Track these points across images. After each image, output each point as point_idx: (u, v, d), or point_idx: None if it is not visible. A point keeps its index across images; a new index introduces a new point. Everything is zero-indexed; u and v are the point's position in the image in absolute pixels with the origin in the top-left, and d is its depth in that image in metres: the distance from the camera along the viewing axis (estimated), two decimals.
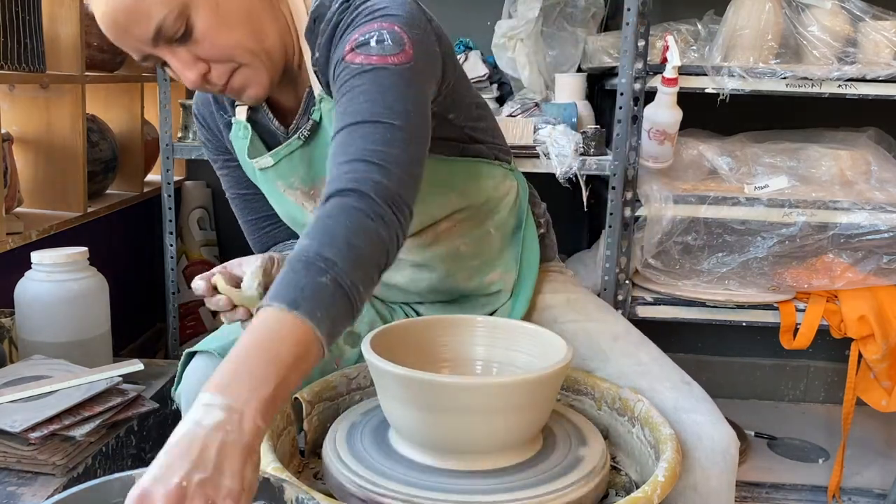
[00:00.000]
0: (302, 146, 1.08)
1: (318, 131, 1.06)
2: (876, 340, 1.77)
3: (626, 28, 1.74)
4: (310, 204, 1.12)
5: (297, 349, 0.69)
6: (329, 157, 0.87)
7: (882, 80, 1.74)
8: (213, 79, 0.99)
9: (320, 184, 1.09)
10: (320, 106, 1.05)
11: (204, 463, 0.62)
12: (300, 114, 1.08)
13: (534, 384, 0.87)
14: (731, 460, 0.99)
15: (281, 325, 0.69)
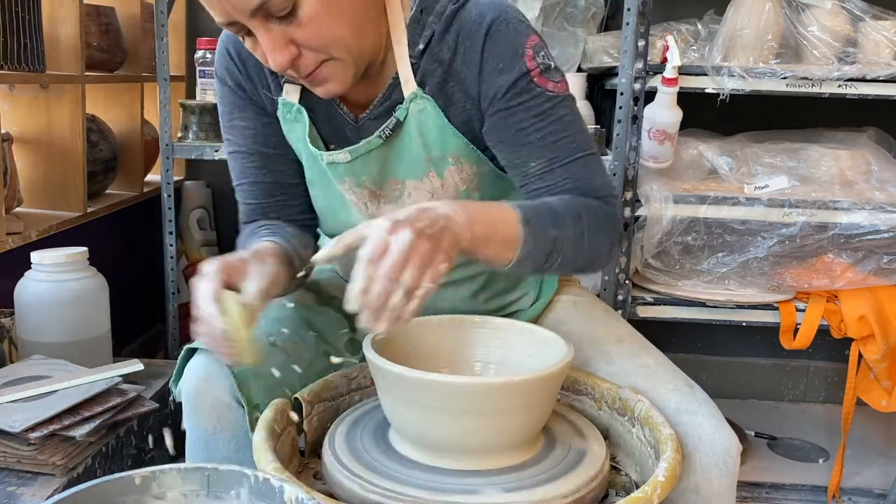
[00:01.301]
0: (381, 145, 1.03)
1: (400, 131, 1.02)
2: (876, 340, 1.77)
3: (626, 28, 1.74)
4: (373, 204, 1.08)
5: (507, 243, 0.91)
6: (561, 168, 1.00)
7: (882, 80, 1.74)
8: (300, 65, 0.93)
9: (389, 185, 1.06)
10: (409, 105, 1.01)
11: (438, 227, 0.81)
12: (377, 107, 1.04)
13: (534, 384, 0.87)
14: (733, 463, 0.99)
15: (515, 225, 0.91)
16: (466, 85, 1.01)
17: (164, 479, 0.77)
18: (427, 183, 1.06)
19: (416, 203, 0.96)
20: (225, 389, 1.03)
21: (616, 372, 1.09)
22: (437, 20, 1.00)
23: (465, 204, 0.89)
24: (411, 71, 1.01)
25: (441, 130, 1.03)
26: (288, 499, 0.74)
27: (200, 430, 1.04)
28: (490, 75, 0.99)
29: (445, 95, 1.02)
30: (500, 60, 0.98)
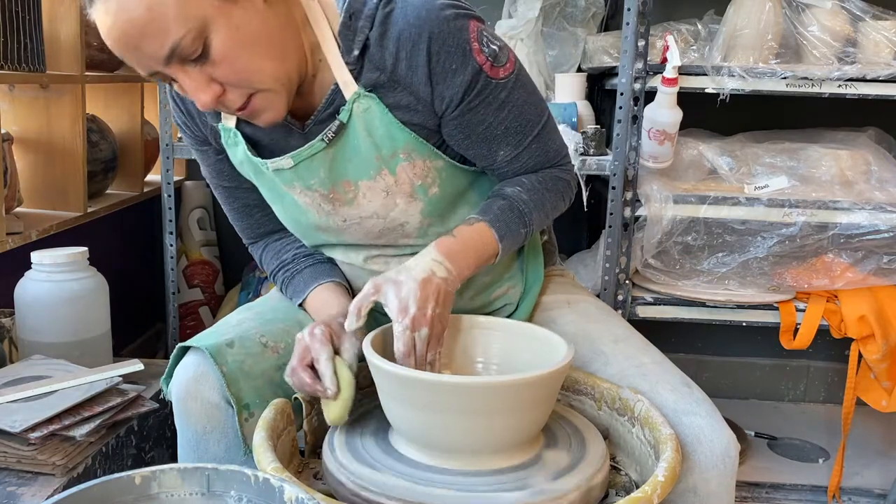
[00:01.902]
0: (325, 148, 1.03)
1: (344, 133, 1.02)
2: (876, 340, 1.77)
3: (626, 28, 1.74)
4: (327, 205, 1.08)
5: (488, 260, 1.06)
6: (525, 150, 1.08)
7: (882, 80, 1.74)
8: (228, 102, 0.94)
9: (342, 187, 1.06)
10: (351, 107, 1.00)
11: (439, 302, 0.96)
12: (321, 112, 1.04)
13: (534, 384, 0.87)
14: (731, 463, 0.99)
15: (488, 244, 1.04)
16: (414, 88, 1.00)
17: (164, 479, 0.77)
18: (380, 181, 1.05)
19: (371, 201, 1.06)
20: (214, 390, 1.03)
21: (614, 373, 1.08)
22: (369, 24, 0.98)
23: (453, 253, 1.00)
24: (350, 75, 1.00)
25: (388, 127, 1.02)
26: (288, 499, 0.74)
27: (191, 431, 1.04)
28: (442, 77, 0.99)
29: (392, 99, 1.01)
30: (451, 62, 0.98)
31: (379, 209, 1.07)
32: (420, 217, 1.08)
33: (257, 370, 1.05)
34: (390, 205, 1.07)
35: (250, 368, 1.05)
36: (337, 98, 1.02)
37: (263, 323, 1.12)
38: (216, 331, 1.10)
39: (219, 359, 1.03)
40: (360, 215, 1.08)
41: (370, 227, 1.10)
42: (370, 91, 1.00)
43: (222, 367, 1.02)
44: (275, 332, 1.11)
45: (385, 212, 1.07)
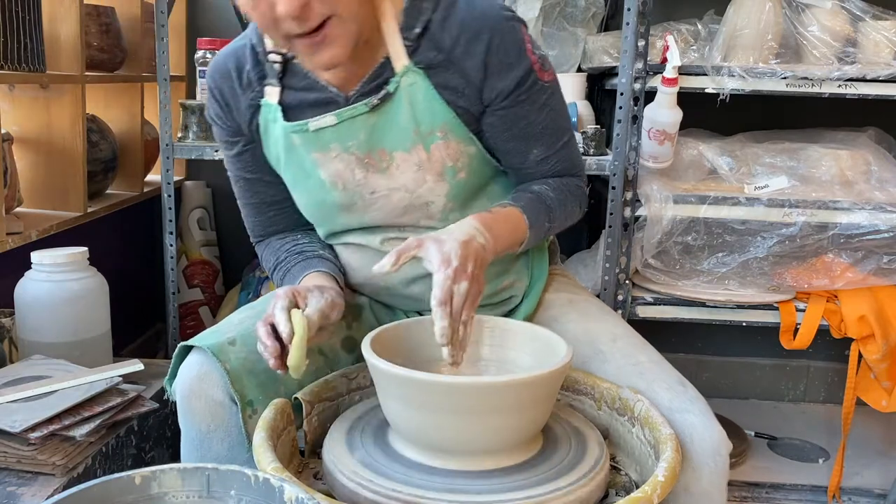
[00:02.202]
0: (367, 112, 1.08)
1: (388, 102, 1.07)
2: (876, 340, 1.77)
3: (626, 28, 1.74)
4: (360, 172, 1.11)
5: (515, 246, 1.10)
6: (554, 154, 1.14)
7: (882, 80, 1.74)
8: (308, 15, 0.93)
9: (377, 155, 1.10)
10: (399, 79, 1.06)
11: (478, 265, 0.97)
12: (367, 84, 1.08)
13: (534, 384, 0.87)
14: (723, 461, 1.00)
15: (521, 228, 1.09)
16: (467, 73, 1.07)
17: (164, 479, 0.77)
18: (414, 155, 1.09)
19: (403, 173, 1.10)
20: (218, 387, 1.03)
21: (611, 371, 1.10)
22: (433, 7, 1.06)
23: (490, 225, 1.03)
24: (404, 50, 1.06)
25: (430, 103, 1.07)
26: (288, 499, 0.74)
27: (195, 430, 1.04)
28: (497, 70, 1.06)
29: (442, 78, 1.07)
30: (507, 56, 1.06)
31: (409, 182, 1.11)
32: (445, 199, 1.12)
33: (260, 367, 1.05)
34: (420, 180, 1.10)
35: (253, 366, 1.05)
36: (385, 71, 1.08)
37: None
38: (218, 330, 1.11)
39: (221, 357, 1.03)
40: (390, 186, 1.11)
41: (396, 202, 1.12)
42: (422, 68, 1.06)
43: (225, 365, 1.03)
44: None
45: (414, 186, 1.11)
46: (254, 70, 1.12)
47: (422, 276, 1.16)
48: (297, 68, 1.11)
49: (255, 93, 1.13)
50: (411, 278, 1.17)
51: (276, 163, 1.17)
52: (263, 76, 1.12)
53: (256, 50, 1.12)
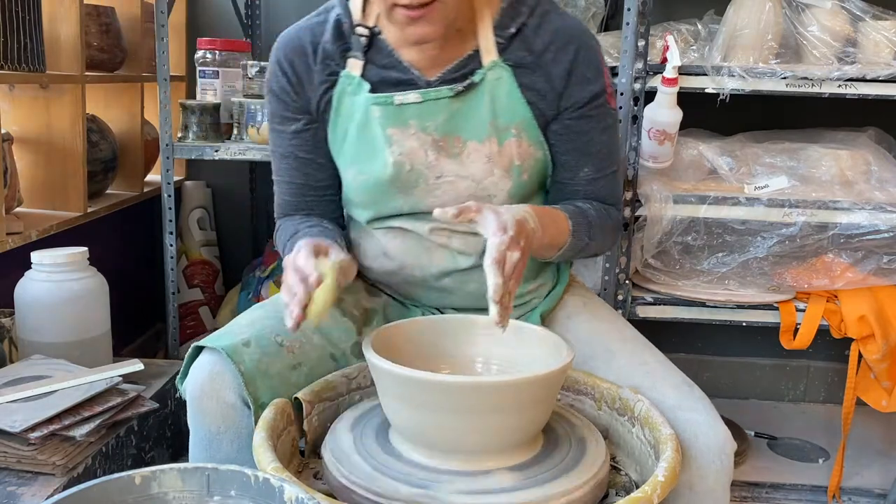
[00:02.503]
0: (450, 98, 1.12)
1: (471, 92, 1.12)
2: (876, 340, 1.77)
3: (626, 28, 1.74)
4: (432, 154, 1.13)
5: (554, 248, 1.12)
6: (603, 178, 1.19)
7: (882, 80, 1.74)
8: None
9: (451, 141, 1.14)
10: (486, 72, 1.11)
11: (527, 244, 0.98)
12: (452, 72, 1.13)
13: (534, 384, 0.87)
14: (727, 460, 1.00)
15: (564, 232, 1.11)
16: (552, 78, 1.13)
17: (164, 479, 0.77)
18: (487, 147, 1.13)
19: (473, 162, 1.13)
20: (231, 389, 1.03)
21: (617, 368, 1.11)
22: (529, 12, 1.12)
23: (541, 216, 1.05)
24: (495, 46, 1.12)
25: (511, 99, 1.13)
26: (288, 499, 0.74)
27: (204, 430, 1.04)
28: (577, 81, 1.13)
29: (528, 79, 1.13)
30: (588, 71, 1.13)
31: (477, 172, 1.14)
32: (505, 195, 1.15)
33: (273, 370, 1.05)
34: (488, 172, 1.14)
35: (266, 368, 1.05)
36: (471, 63, 1.13)
37: (279, 322, 1.11)
38: (231, 331, 1.10)
39: (236, 358, 1.03)
40: (458, 173, 1.14)
41: (461, 189, 1.14)
42: (510, 65, 1.12)
43: (240, 367, 1.02)
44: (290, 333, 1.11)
45: (482, 177, 1.14)
46: (334, 44, 1.15)
47: (455, 270, 1.19)
48: (382, 45, 1.14)
49: (335, 65, 1.15)
50: (445, 271, 1.19)
51: (341, 139, 1.17)
52: (346, 49, 1.15)
53: (342, 22, 1.15)
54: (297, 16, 2.60)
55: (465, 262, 1.19)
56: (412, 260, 1.20)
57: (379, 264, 1.23)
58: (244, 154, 1.98)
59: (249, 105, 1.98)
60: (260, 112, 1.96)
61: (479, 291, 1.21)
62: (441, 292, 1.21)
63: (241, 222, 2.60)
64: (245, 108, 2.00)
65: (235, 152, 1.98)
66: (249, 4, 2.47)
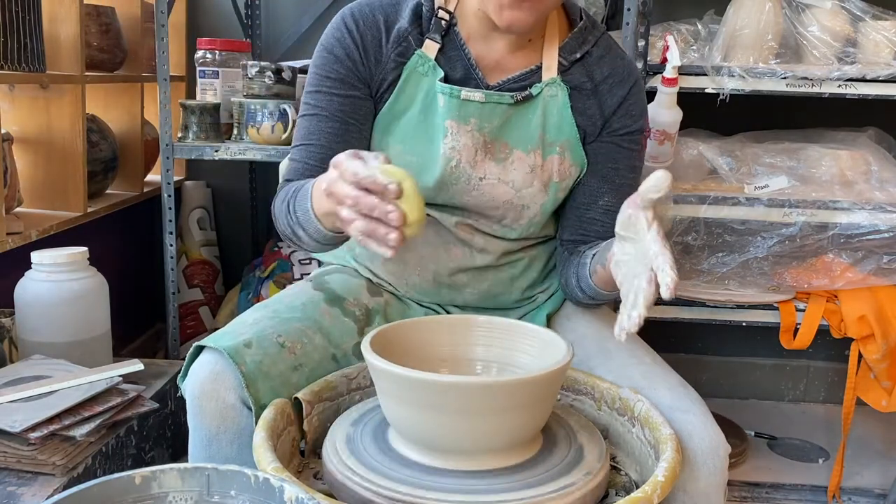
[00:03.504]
0: (510, 105, 1.15)
1: (528, 103, 1.16)
2: (876, 340, 1.77)
3: (626, 28, 1.74)
4: (480, 154, 1.15)
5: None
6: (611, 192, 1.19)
7: (882, 80, 1.74)
8: None
9: (500, 145, 1.16)
10: (544, 87, 1.15)
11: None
12: (511, 82, 1.17)
13: (534, 384, 0.87)
14: (720, 463, 1.00)
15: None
16: (604, 107, 1.18)
17: (164, 479, 0.77)
18: (531, 158, 1.17)
19: (516, 170, 1.16)
20: (231, 390, 1.03)
21: (614, 367, 1.11)
22: (594, 41, 1.18)
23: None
24: (557, 66, 1.16)
25: (562, 118, 1.17)
26: (288, 499, 0.74)
27: (204, 430, 1.04)
28: (624, 114, 1.18)
29: (581, 104, 1.18)
30: (636, 108, 1.19)
31: (518, 180, 1.17)
32: (538, 209, 1.19)
33: (275, 371, 1.05)
34: (528, 182, 1.17)
35: (268, 369, 1.05)
36: (532, 77, 1.17)
37: (280, 322, 1.11)
38: (232, 330, 1.09)
39: (237, 359, 1.02)
40: (500, 177, 1.16)
41: (500, 193, 1.17)
42: (567, 86, 1.16)
43: (241, 368, 1.02)
44: (292, 333, 1.10)
45: (521, 185, 1.17)
46: (411, 25, 1.15)
47: (472, 268, 1.21)
48: (454, 35, 1.16)
49: (408, 45, 1.15)
50: (460, 267, 1.21)
51: (398, 115, 1.16)
52: (422, 32, 1.16)
53: (423, 5, 1.16)
54: (297, 16, 2.60)
55: (483, 260, 1.21)
56: (430, 251, 1.21)
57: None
58: (244, 154, 1.98)
59: (249, 105, 1.98)
60: (260, 112, 1.96)
61: (489, 291, 1.23)
62: (450, 288, 1.22)
63: (241, 222, 2.60)
64: (245, 108, 2.00)
65: (235, 152, 1.98)
66: (249, 4, 2.47)
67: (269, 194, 2.56)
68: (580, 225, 1.21)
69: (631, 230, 0.91)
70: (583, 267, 1.15)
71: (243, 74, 2.04)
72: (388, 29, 1.16)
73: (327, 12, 2.42)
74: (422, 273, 1.22)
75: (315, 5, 2.43)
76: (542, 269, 1.29)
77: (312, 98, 1.17)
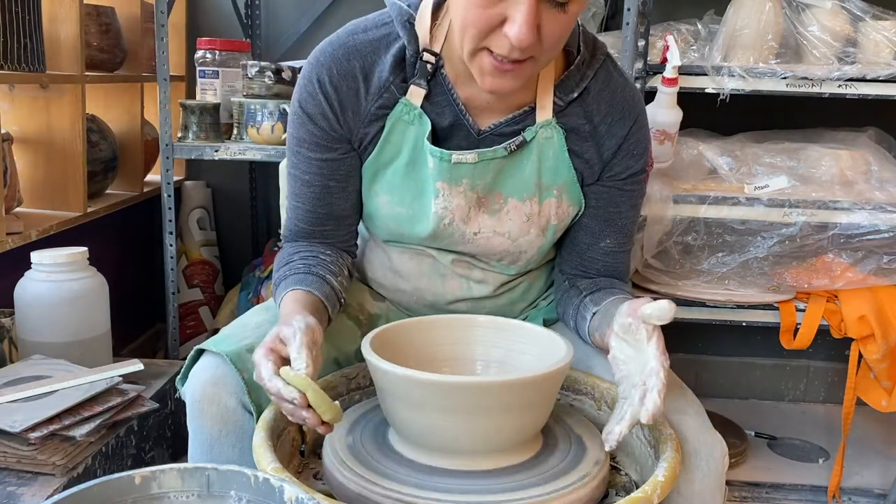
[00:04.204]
0: (503, 157, 1.08)
1: (522, 150, 1.08)
2: (876, 340, 1.77)
3: (626, 28, 1.74)
4: (474, 211, 1.10)
5: None
6: (622, 254, 1.17)
7: (882, 80, 1.74)
8: (527, 49, 0.91)
9: (493, 197, 1.11)
10: (538, 131, 1.08)
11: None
12: (503, 125, 1.09)
13: (534, 384, 0.87)
14: (716, 466, 0.99)
15: None
16: (602, 149, 1.11)
17: (164, 479, 0.77)
18: (527, 206, 1.11)
19: (512, 220, 1.11)
20: (232, 394, 1.02)
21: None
22: (593, 75, 1.08)
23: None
24: (551, 105, 1.08)
25: (558, 161, 1.10)
26: (288, 499, 0.74)
27: (205, 434, 1.04)
28: (625, 156, 1.11)
29: (579, 146, 1.10)
30: (638, 147, 1.11)
31: (514, 230, 1.12)
32: (535, 251, 1.15)
33: None
34: (525, 231, 1.12)
35: None
36: (526, 119, 1.09)
37: None
38: (234, 334, 1.09)
39: (239, 365, 1.01)
40: (496, 229, 1.12)
41: (496, 245, 1.13)
42: (563, 128, 1.09)
43: (243, 374, 1.01)
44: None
45: (518, 235, 1.12)
46: (392, 73, 1.06)
47: (469, 298, 1.19)
48: (440, 78, 1.07)
49: (391, 95, 1.07)
50: (458, 298, 1.19)
51: (384, 166, 1.10)
52: (405, 77, 1.06)
53: (406, 49, 1.05)
54: (297, 16, 2.60)
55: (481, 291, 1.19)
56: (426, 284, 1.19)
57: (389, 281, 1.22)
58: (244, 154, 1.98)
59: (249, 105, 1.98)
60: (260, 112, 1.96)
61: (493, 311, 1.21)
62: (449, 314, 1.20)
63: (241, 222, 2.60)
64: (245, 108, 2.00)
65: (235, 152, 1.98)
66: (249, 4, 2.47)
67: (269, 194, 2.57)
68: (581, 262, 1.18)
69: (630, 337, 0.92)
70: (581, 321, 1.11)
71: (243, 74, 2.04)
72: (367, 77, 1.06)
73: (327, 12, 2.42)
74: (419, 301, 1.22)
75: (315, 5, 2.43)
76: (542, 287, 1.27)
77: (293, 157, 1.12)
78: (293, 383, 0.86)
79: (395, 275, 1.21)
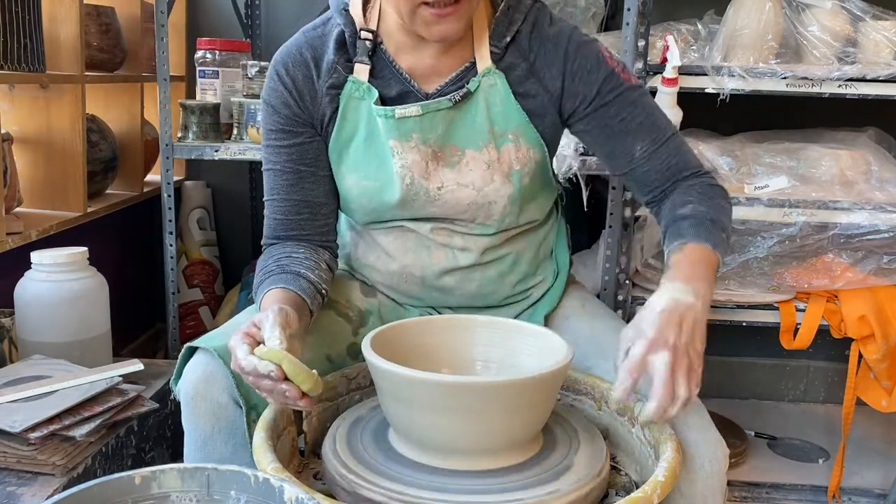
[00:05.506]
0: (449, 108, 1.12)
1: (469, 100, 1.13)
2: (876, 340, 1.77)
3: (626, 28, 1.74)
4: (432, 165, 1.14)
5: (714, 270, 1.07)
6: (662, 147, 1.14)
7: (882, 80, 1.74)
8: None
9: (449, 150, 1.15)
10: (480, 79, 1.12)
11: (686, 330, 0.95)
12: (449, 85, 1.14)
13: (534, 384, 0.87)
14: (717, 465, 1.00)
15: (709, 255, 1.07)
16: (546, 83, 1.13)
17: (164, 479, 0.77)
18: (485, 154, 1.14)
19: (472, 170, 1.13)
20: (223, 390, 1.03)
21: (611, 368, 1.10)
22: (522, 18, 1.13)
23: (688, 276, 1.03)
24: (489, 55, 1.12)
25: (506, 106, 1.13)
26: (288, 499, 0.74)
27: (199, 431, 1.04)
28: (578, 76, 1.13)
29: (522, 88, 1.13)
30: (586, 63, 1.13)
31: (477, 180, 1.14)
32: (506, 202, 1.16)
33: None
34: (487, 179, 1.14)
35: None
36: (469, 74, 1.14)
37: None
38: (224, 332, 1.10)
39: (228, 360, 1.02)
40: (458, 181, 1.14)
41: (462, 198, 1.15)
42: (504, 72, 1.12)
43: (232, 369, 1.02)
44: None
45: (482, 184, 1.14)
46: (337, 54, 1.14)
47: (456, 268, 1.20)
48: (382, 54, 1.14)
49: (340, 75, 1.14)
50: (445, 269, 1.20)
51: (345, 144, 1.16)
52: (350, 58, 1.14)
53: (345, 31, 1.14)
54: (297, 16, 2.61)
55: (466, 259, 1.19)
56: (412, 259, 1.20)
57: (381, 264, 1.23)
58: (244, 154, 1.98)
59: (249, 105, 1.98)
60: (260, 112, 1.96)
61: (480, 291, 1.22)
62: (441, 291, 1.22)
63: (241, 222, 2.60)
64: (245, 108, 2.00)
65: (235, 152, 1.98)
66: (249, 4, 2.47)
67: None
68: (640, 184, 1.18)
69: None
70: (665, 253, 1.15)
71: (243, 74, 2.04)
72: (318, 63, 1.15)
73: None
74: (409, 280, 1.22)
75: (315, 5, 2.43)
76: (531, 260, 1.26)
77: (266, 152, 1.19)
78: (267, 357, 0.88)
79: (386, 256, 1.22)
